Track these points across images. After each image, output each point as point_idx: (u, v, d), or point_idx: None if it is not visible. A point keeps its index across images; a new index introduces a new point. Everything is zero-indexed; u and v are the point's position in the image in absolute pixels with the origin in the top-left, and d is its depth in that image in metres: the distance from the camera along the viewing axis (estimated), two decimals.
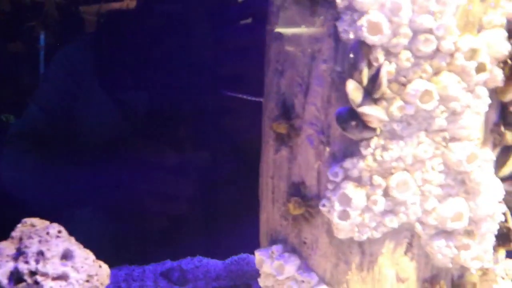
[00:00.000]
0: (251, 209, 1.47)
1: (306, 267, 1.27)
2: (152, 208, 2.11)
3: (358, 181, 1.15)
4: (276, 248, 1.31)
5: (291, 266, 1.26)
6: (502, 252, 1.36)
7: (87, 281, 1.08)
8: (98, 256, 1.35)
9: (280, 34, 1.27)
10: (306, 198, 1.24)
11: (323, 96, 1.19)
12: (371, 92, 1.09)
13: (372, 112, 1.06)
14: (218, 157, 2.18)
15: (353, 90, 1.06)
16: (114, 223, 2.08)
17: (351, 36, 1.10)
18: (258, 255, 1.34)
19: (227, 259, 2.13)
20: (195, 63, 2.01)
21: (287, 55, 1.26)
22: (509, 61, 1.14)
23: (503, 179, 1.32)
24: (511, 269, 1.64)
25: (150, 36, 1.95)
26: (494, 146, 1.23)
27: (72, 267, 1.07)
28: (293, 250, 1.29)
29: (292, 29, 1.22)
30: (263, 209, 1.40)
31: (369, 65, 1.10)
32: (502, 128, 1.23)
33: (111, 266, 2.19)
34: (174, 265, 2.19)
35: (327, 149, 1.19)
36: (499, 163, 1.31)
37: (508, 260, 1.70)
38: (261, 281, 1.34)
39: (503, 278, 1.60)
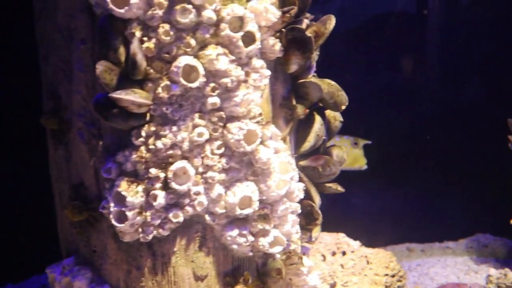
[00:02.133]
0: None
1: (98, 279, 1.08)
2: None
3: (135, 175, 0.99)
4: (67, 262, 1.11)
5: (81, 281, 1.07)
6: (316, 230, 1.28)
7: None
8: None
9: (41, 12, 1.07)
10: (87, 200, 1.06)
11: (87, 82, 1.00)
12: (130, 74, 0.93)
13: (124, 96, 0.89)
14: None
15: (104, 72, 0.89)
16: None
17: (101, 10, 0.94)
18: (49, 273, 1.14)
19: None
20: None
21: (49, 37, 1.06)
22: (283, 30, 1.04)
23: (305, 155, 1.24)
24: (342, 243, 1.59)
25: None
26: (287, 121, 1.13)
27: None
28: (86, 261, 1.11)
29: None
30: (58, 217, 1.20)
31: (127, 43, 0.94)
32: (294, 102, 1.14)
33: None
34: None
35: (100, 142, 1.01)
36: (300, 139, 1.22)
37: (341, 234, 1.66)
38: None
39: (323, 257, 1.54)
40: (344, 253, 1.55)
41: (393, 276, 1.47)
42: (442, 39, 2.49)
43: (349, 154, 2.04)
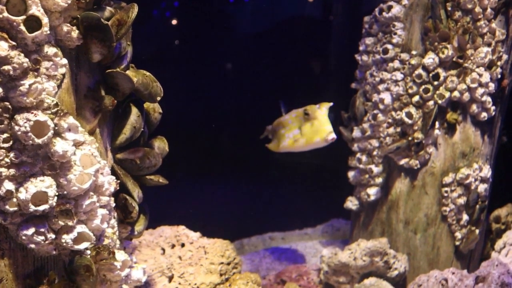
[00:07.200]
0: None
1: None
2: None
3: None
4: None
5: None
6: (140, 224, 1.23)
7: None
8: None
9: None
10: None
11: None
12: None
13: None
14: None
15: None
16: None
17: None
18: None
19: None
20: None
21: None
22: (79, 16, 0.97)
23: (124, 148, 1.19)
24: (182, 236, 1.56)
25: None
26: (95, 113, 1.06)
27: None
28: None
29: None
30: None
31: None
32: (103, 92, 1.07)
33: None
34: None
35: None
36: (116, 131, 1.16)
37: (181, 227, 1.63)
38: None
39: (163, 250, 1.51)
40: (183, 245, 1.52)
41: (228, 264, 1.47)
42: (345, 43, 2.58)
43: (305, 128, 1.56)
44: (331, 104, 1.56)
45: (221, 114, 2.53)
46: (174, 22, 2.48)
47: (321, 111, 1.52)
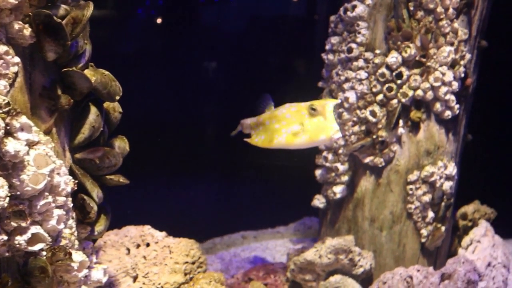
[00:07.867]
0: None
1: None
2: None
3: None
4: None
5: None
6: (100, 224, 1.22)
7: None
8: None
9: None
10: None
11: None
12: None
13: None
14: None
15: None
16: None
17: None
18: None
19: None
20: None
21: None
22: (30, 14, 0.97)
23: (83, 147, 1.18)
24: (147, 235, 1.56)
25: None
26: (51, 112, 1.06)
27: None
28: None
29: None
30: None
31: None
32: (59, 91, 1.07)
33: None
34: None
35: None
36: (74, 131, 1.15)
37: (146, 226, 1.63)
38: None
39: (128, 250, 1.50)
40: (148, 245, 1.52)
41: (193, 263, 1.48)
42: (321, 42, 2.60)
43: (310, 125, 1.47)
44: (339, 101, 1.53)
45: (189, 111, 2.53)
46: (152, 19, 2.47)
47: (328, 108, 1.46)
